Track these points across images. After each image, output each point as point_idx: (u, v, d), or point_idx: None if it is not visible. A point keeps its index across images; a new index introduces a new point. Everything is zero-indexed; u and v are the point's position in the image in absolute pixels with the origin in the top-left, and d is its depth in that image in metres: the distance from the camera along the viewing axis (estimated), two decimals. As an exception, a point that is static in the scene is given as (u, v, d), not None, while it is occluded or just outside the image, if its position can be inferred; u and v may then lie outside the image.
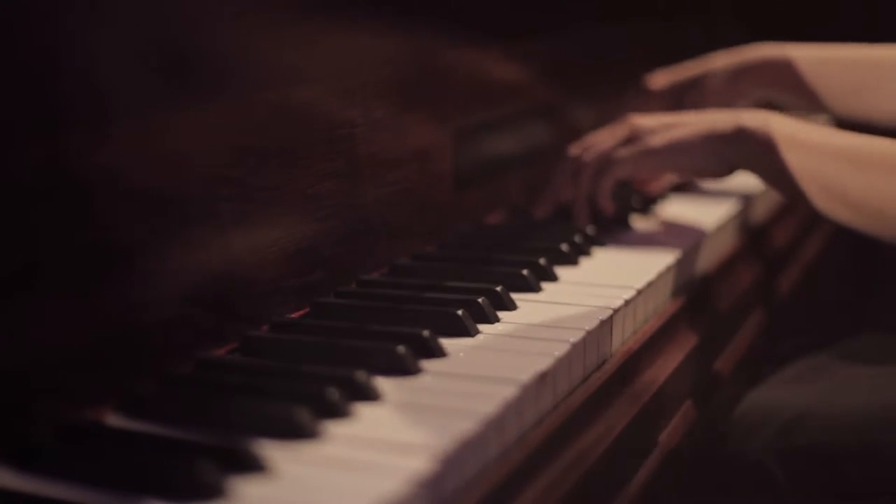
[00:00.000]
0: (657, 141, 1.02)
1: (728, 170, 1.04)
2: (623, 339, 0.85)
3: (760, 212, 1.29)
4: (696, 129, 1.02)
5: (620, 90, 1.47)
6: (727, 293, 1.07)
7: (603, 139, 1.06)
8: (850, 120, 1.24)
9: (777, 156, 0.97)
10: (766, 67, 1.25)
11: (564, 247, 0.96)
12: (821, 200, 0.96)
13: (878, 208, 0.95)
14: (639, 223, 1.11)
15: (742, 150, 1.00)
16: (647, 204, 1.16)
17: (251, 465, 0.58)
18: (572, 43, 1.32)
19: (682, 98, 1.27)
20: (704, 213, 1.14)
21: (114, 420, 0.64)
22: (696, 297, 0.99)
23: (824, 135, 0.99)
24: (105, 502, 0.56)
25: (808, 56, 1.24)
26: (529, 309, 0.84)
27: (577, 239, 0.99)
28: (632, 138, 1.04)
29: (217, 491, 0.55)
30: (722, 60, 1.27)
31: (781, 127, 0.99)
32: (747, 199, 1.23)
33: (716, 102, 1.24)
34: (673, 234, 1.07)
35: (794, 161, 0.97)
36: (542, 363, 0.71)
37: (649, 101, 1.28)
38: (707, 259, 1.07)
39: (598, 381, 0.77)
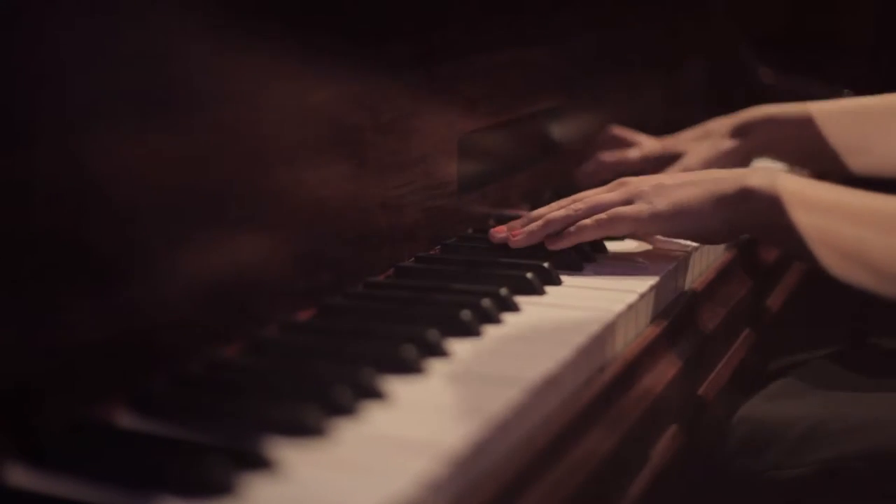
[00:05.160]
0: (662, 204, 0.94)
1: (733, 234, 0.97)
2: (626, 342, 0.85)
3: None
4: (701, 190, 0.94)
5: (622, 94, 1.48)
6: (726, 297, 1.07)
7: (599, 194, 0.98)
8: (862, 176, 1.16)
9: (784, 215, 0.89)
10: (777, 124, 1.19)
11: (570, 251, 0.97)
12: (835, 263, 0.87)
13: None
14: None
15: (748, 212, 0.92)
16: None
17: (260, 464, 0.58)
18: (575, 49, 1.33)
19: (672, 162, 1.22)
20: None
21: (125, 419, 0.65)
22: (694, 301, 1.00)
23: (837, 193, 0.91)
24: (116, 500, 0.56)
25: (823, 110, 1.17)
26: (533, 311, 0.85)
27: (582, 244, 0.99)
28: (633, 198, 0.95)
29: (227, 489, 0.56)
30: (722, 121, 1.23)
31: (789, 184, 0.90)
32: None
33: (715, 164, 1.18)
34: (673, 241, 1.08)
35: (804, 220, 0.88)
36: (547, 365, 0.72)
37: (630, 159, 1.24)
38: (701, 267, 1.07)
39: (602, 384, 0.77)
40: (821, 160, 1.20)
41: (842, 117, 1.17)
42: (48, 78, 0.63)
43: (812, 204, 0.89)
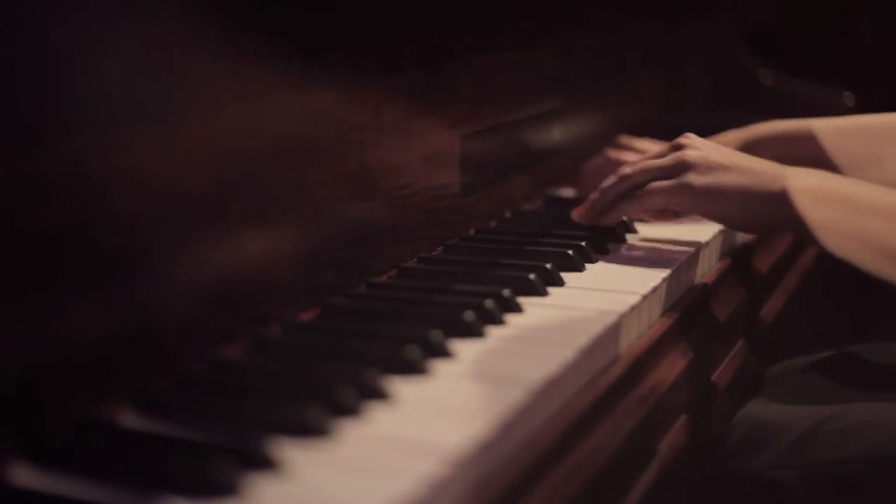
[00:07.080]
0: (699, 182, 0.96)
1: (768, 230, 0.98)
2: (629, 344, 0.86)
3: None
4: (741, 179, 0.95)
5: (623, 96, 1.49)
6: (725, 302, 1.08)
7: (651, 162, 1.01)
8: None
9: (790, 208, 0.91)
10: (783, 141, 1.18)
11: (571, 252, 0.97)
12: (833, 242, 0.89)
13: None
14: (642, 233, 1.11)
15: (786, 212, 0.92)
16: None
17: (264, 464, 0.58)
18: (576, 50, 1.33)
19: None
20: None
21: (129, 419, 0.65)
22: (697, 302, 1.00)
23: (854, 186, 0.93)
24: (120, 500, 0.56)
25: (826, 127, 1.17)
26: (536, 312, 0.85)
27: (584, 245, 0.99)
28: (676, 170, 0.98)
29: (230, 489, 0.56)
30: (731, 135, 1.21)
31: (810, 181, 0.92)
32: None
33: None
34: (677, 238, 1.08)
35: (812, 215, 0.90)
36: (550, 366, 0.72)
37: None
38: (703, 268, 1.07)
39: (605, 385, 0.77)
40: None
41: (844, 133, 1.17)
42: (50, 78, 0.63)
43: (832, 199, 0.91)
